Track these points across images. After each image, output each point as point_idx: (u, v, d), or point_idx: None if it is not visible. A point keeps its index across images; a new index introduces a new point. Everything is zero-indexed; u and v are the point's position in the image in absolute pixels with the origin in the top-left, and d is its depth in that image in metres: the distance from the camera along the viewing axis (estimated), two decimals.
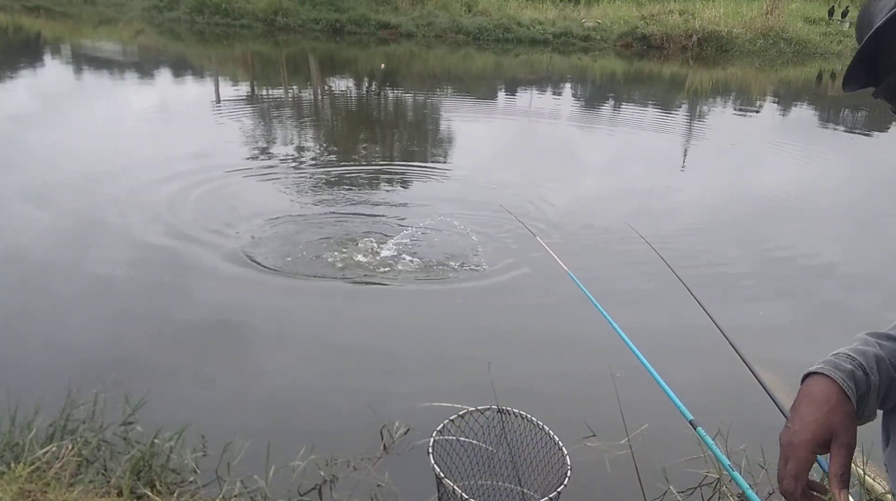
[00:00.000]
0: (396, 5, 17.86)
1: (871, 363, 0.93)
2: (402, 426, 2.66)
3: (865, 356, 0.94)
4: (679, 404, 1.53)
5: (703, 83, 13.85)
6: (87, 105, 8.95)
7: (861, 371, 0.92)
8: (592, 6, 19.22)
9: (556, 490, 1.82)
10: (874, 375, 0.92)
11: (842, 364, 0.93)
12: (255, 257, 4.26)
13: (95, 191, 5.30)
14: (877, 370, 0.92)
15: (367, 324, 3.59)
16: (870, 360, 0.93)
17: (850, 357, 0.94)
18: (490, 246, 4.67)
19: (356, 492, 2.33)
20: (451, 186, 6.08)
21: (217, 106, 9.39)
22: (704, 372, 3.14)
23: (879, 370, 0.92)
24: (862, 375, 0.91)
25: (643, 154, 8.09)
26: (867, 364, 0.92)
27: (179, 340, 3.34)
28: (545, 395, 3.02)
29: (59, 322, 3.44)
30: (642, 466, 2.47)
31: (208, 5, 17.50)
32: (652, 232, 4.82)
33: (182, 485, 2.26)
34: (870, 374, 0.92)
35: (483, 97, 11.81)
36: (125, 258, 4.15)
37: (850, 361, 0.93)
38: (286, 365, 3.18)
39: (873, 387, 0.91)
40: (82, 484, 2.09)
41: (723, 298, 4.04)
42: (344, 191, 5.72)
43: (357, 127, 8.92)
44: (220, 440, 2.46)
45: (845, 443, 0.86)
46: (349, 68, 13.73)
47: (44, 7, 19.43)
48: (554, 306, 3.84)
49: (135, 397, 2.56)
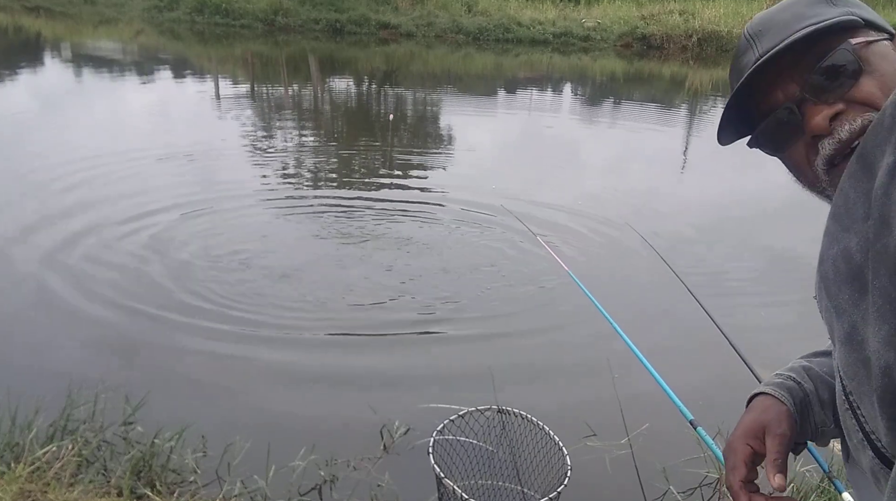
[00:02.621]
0: (396, 5, 17.85)
1: (799, 372, 0.98)
2: (402, 426, 2.66)
3: (793, 369, 1.00)
4: (679, 404, 1.53)
5: (703, 83, 13.85)
6: (82, 106, 8.95)
7: (791, 381, 0.97)
8: (592, 6, 19.21)
9: (556, 490, 1.82)
10: (807, 382, 0.96)
11: (772, 380, 0.99)
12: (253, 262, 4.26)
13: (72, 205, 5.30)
14: (808, 377, 0.97)
15: (367, 323, 3.59)
16: (798, 371, 0.99)
17: (778, 374, 1.00)
18: (490, 246, 4.67)
19: (356, 492, 2.33)
20: (452, 186, 6.08)
21: (217, 106, 9.39)
22: (704, 372, 3.14)
23: (810, 376, 0.97)
24: (793, 383, 0.97)
25: (643, 154, 8.09)
26: (796, 375, 0.98)
27: (179, 339, 3.34)
28: (545, 395, 3.02)
29: (59, 322, 3.44)
30: (642, 466, 2.48)
31: (208, 5, 17.50)
32: (652, 232, 4.83)
33: (182, 485, 2.26)
34: (802, 382, 0.97)
35: (483, 98, 11.82)
36: (126, 255, 4.16)
37: (778, 376, 1.00)
38: (286, 365, 3.18)
39: (811, 394, 0.96)
40: (82, 484, 2.09)
41: (723, 298, 4.04)
42: (341, 189, 5.72)
43: (357, 127, 8.92)
44: (221, 440, 2.46)
45: (778, 433, 0.90)
46: (349, 68, 13.73)
47: (44, 7, 19.43)
48: (554, 306, 3.84)
49: (135, 397, 2.56)
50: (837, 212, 0.63)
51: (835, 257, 0.63)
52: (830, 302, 0.65)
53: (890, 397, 0.56)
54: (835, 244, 0.63)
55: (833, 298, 0.64)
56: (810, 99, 0.83)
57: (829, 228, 0.65)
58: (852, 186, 0.61)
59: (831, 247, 0.64)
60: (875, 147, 0.57)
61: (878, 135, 0.57)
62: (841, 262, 0.62)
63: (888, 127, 0.56)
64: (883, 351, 0.55)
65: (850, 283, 0.61)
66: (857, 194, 0.59)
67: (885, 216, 0.54)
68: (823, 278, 0.66)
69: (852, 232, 0.60)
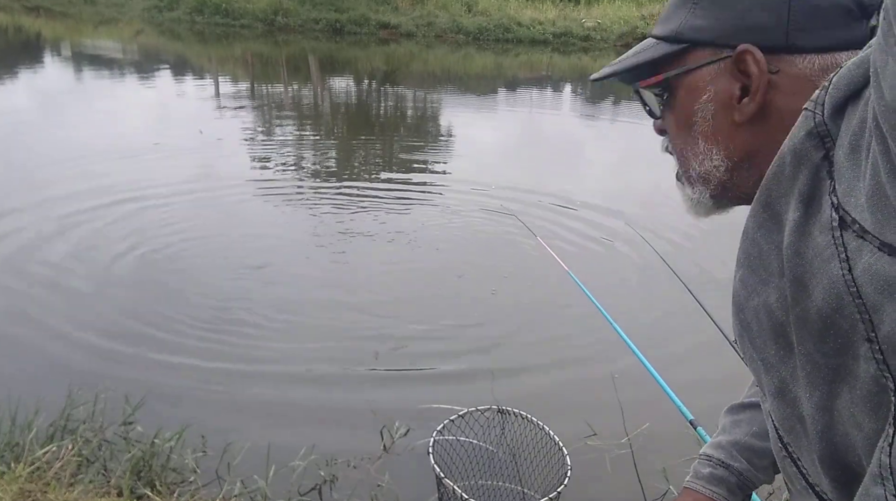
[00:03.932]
0: (396, 5, 17.84)
1: (728, 453, 0.98)
2: (402, 427, 2.66)
3: (721, 448, 0.99)
4: (679, 404, 1.54)
5: None
6: (77, 106, 8.95)
7: (721, 467, 0.98)
8: (592, 6, 19.20)
9: (556, 490, 1.82)
10: (737, 462, 0.97)
11: (701, 471, 1.00)
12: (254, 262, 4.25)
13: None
14: (736, 455, 0.98)
15: (367, 323, 3.59)
16: (726, 451, 0.99)
17: (707, 458, 1.00)
18: (490, 246, 4.67)
19: (356, 492, 2.33)
20: (451, 185, 6.08)
21: (217, 106, 9.40)
22: (705, 372, 3.14)
23: (739, 451, 0.98)
24: (723, 471, 0.97)
25: (643, 154, 8.08)
26: (725, 456, 0.98)
27: (180, 339, 3.34)
28: (545, 395, 3.02)
29: (59, 321, 3.43)
30: (642, 466, 2.48)
31: (208, 5, 17.50)
32: (652, 232, 4.83)
33: (182, 485, 2.26)
34: (731, 464, 0.97)
35: (483, 98, 11.82)
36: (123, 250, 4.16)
37: (707, 462, 1.00)
38: (287, 365, 3.18)
39: (746, 472, 0.97)
40: (82, 484, 2.09)
41: (723, 298, 4.02)
42: (343, 186, 5.73)
43: (357, 127, 8.92)
44: (221, 440, 2.46)
45: None
46: (349, 68, 13.73)
47: (44, 7, 19.44)
48: (554, 306, 3.84)
49: (135, 397, 2.56)
50: (751, 262, 0.58)
51: (756, 309, 0.58)
52: (756, 354, 0.61)
53: (830, 460, 0.54)
54: (754, 296, 0.58)
55: (759, 351, 0.60)
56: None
57: (744, 277, 0.60)
58: (763, 236, 0.56)
59: (750, 298, 0.59)
60: (780, 197, 0.53)
61: (781, 184, 0.52)
62: (763, 316, 0.57)
63: (790, 176, 0.51)
64: (818, 416, 0.53)
65: (775, 340, 0.56)
66: (769, 245, 0.55)
67: (799, 278, 0.50)
68: (745, 328, 0.61)
69: (770, 286, 0.55)
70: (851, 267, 0.46)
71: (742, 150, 0.65)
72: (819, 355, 0.50)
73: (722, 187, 0.69)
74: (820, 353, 0.50)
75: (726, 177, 0.68)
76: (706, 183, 0.69)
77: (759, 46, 0.60)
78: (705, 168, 0.68)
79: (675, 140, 0.71)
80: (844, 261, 0.46)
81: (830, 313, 0.48)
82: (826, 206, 0.48)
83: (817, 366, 0.51)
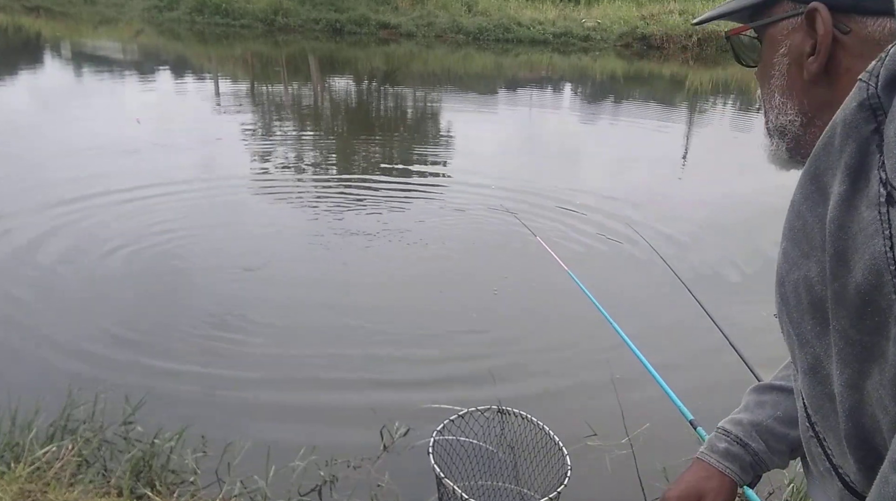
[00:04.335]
0: (396, 5, 17.84)
1: (747, 431, 0.96)
2: (402, 427, 2.66)
3: (741, 426, 0.97)
4: (679, 404, 1.53)
5: (703, 83, 13.85)
6: (77, 106, 8.95)
7: (737, 445, 0.96)
8: (592, 6, 19.20)
9: (556, 490, 1.82)
10: (755, 442, 0.95)
11: (717, 445, 0.98)
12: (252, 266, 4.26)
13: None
14: (756, 435, 0.96)
15: (367, 323, 3.59)
16: (746, 430, 0.97)
17: (725, 432, 0.98)
18: (490, 246, 4.67)
19: (356, 492, 2.33)
20: (451, 185, 6.08)
21: (217, 106, 9.40)
22: (704, 372, 3.14)
23: (759, 433, 0.96)
24: (739, 448, 0.96)
25: (643, 154, 8.09)
26: (744, 434, 0.96)
27: (180, 338, 3.34)
28: (545, 395, 3.02)
29: (59, 320, 3.43)
30: (642, 466, 2.48)
31: (208, 5, 17.50)
32: (652, 232, 4.83)
33: (182, 485, 2.26)
34: (749, 443, 0.96)
35: (482, 98, 11.81)
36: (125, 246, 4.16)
37: (725, 437, 0.98)
38: (287, 365, 3.18)
39: (761, 452, 0.95)
40: (82, 484, 2.09)
41: (724, 298, 4.03)
42: (342, 182, 5.73)
43: (356, 127, 8.92)
44: (221, 440, 2.46)
45: None
46: (349, 68, 13.73)
47: (44, 7, 19.44)
48: (554, 307, 3.84)
49: (135, 397, 2.56)
50: (794, 235, 0.57)
51: (796, 282, 0.57)
52: (793, 329, 0.60)
53: (856, 441, 0.54)
54: (795, 270, 0.57)
55: (795, 325, 0.59)
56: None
57: (787, 250, 0.59)
58: (809, 209, 0.55)
59: (791, 271, 0.58)
60: (827, 169, 0.52)
61: (830, 155, 0.51)
62: (802, 290, 0.56)
63: (838, 148, 0.50)
64: (847, 394, 0.52)
65: (812, 314, 0.55)
66: (813, 218, 0.54)
67: (841, 253, 0.49)
68: (784, 302, 0.61)
69: (812, 260, 0.54)
70: (895, 245, 0.45)
71: (814, 107, 0.65)
72: (854, 332, 0.50)
73: (796, 142, 0.69)
74: (855, 330, 0.49)
75: (800, 132, 0.68)
76: (782, 136, 0.70)
77: (830, 5, 0.60)
78: (781, 122, 0.69)
79: (761, 91, 0.73)
80: (888, 238, 0.45)
81: (869, 290, 0.47)
82: (874, 180, 0.47)
83: (851, 343, 0.50)
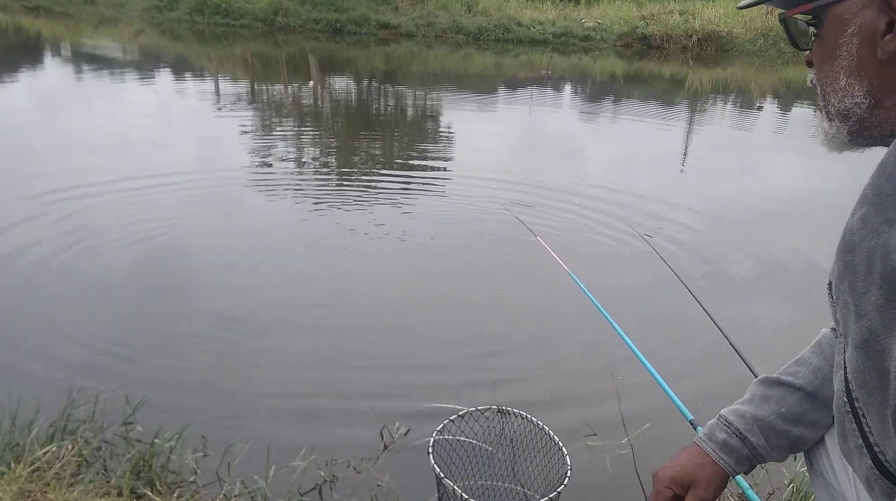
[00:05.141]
0: (396, 5, 17.85)
1: (749, 426, 0.96)
2: (402, 427, 2.66)
3: (743, 419, 0.96)
4: (679, 404, 1.54)
5: (703, 83, 13.85)
6: (76, 105, 8.95)
7: (736, 437, 0.95)
8: (592, 6, 19.20)
9: (556, 490, 1.82)
10: (755, 437, 0.94)
11: (716, 434, 0.97)
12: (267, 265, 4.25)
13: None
14: (757, 430, 0.95)
15: (366, 323, 3.59)
16: (748, 423, 0.96)
17: (727, 423, 0.97)
18: (490, 246, 4.67)
19: (356, 492, 2.33)
20: (450, 185, 6.08)
21: (217, 107, 9.39)
22: (704, 372, 3.14)
23: (761, 428, 0.95)
24: (737, 441, 0.95)
25: (643, 154, 8.09)
26: (745, 429, 0.95)
27: (180, 337, 3.34)
28: (545, 395, 3.02)
29: (59, 319, 3.43)
30: (642, 466, 2.48)
31: (208, 5, 17.50)
32: (652, 232, 4.84)
33: (182, 485, 2.26)
34: (748, 437, 0.95)
35: (482, 98, 11.81)
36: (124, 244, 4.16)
37: (726, 428, 0.97)
38: (287, 364, 3.18)
39: (759, 447, 0.95)
40: (82, 484, 2.09)
41: (723, 298, 4.04)
42: (343, 180, 5.73)
43: (356, 126, 8.92)
44: (221, 440, 2.46)
45: (701, 496, 0.93)
46: (349, 68, 13.73)
47: (44, 7, 19.44)
48: (554, 306, 3.84)
49: (135, 397, 2.56)
50: (882, 200, 0.53)
51: (870, 250, 0.53)
52: (852, 299, 0.56)
53: None
54: (873, 237, 0.53)
55: (857, 295, 0.55)
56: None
57: (867, 215, 0.55)
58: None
59: (868, 238, 0.54)
60: None
61: None
62: (878, 259, 0.52)
63: None
64: None
65: (881, 285, 0.52)
66: None
67: None
68: (848, 270, 0.57)
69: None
70: None
71: (885, 88, 0.63)
72: None
73: (860, 125, 0.67)
74: None
75: (867, 115, 0.66)
76: (845, 119, 0.68)
77: None
78: (845, 105, 0.67)
79: (819, 74, 0.70)
80: None
81: None
82: None
83: None
